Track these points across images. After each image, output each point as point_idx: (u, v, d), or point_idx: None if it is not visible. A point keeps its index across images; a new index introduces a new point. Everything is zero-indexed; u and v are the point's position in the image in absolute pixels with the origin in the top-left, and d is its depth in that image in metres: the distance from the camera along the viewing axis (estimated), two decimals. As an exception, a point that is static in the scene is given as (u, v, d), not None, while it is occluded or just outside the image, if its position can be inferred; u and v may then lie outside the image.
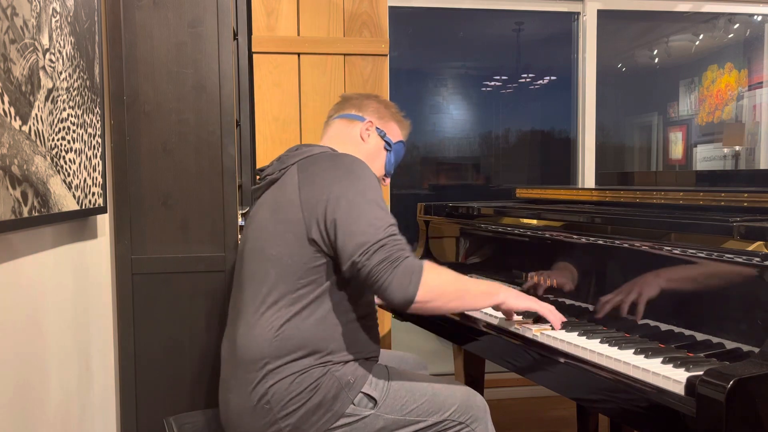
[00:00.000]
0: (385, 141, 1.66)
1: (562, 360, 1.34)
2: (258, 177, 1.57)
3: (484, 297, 1.41)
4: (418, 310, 1.31)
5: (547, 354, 1.38)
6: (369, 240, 1.29)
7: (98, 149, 1.84)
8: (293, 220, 1.38)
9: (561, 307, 1.60)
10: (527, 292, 1.74)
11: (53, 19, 1.48)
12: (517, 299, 1.45)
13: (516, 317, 1.56)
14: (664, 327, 1.32)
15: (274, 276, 1.39)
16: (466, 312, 1.68)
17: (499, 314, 1.58)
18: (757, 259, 1.12)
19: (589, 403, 1.41)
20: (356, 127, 1.63)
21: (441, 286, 1.32)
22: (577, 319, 1.54)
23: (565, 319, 1.47)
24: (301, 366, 1.36)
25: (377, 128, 1.65)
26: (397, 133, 1.71)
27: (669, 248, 1.31)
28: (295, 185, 1.41)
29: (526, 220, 1.83)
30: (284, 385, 1.34)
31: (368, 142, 1.63)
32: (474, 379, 2.20)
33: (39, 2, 1.38)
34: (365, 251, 1.28)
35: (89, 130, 1.75)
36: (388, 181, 1.72)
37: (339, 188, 1.36)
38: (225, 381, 1.45)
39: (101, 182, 1.86)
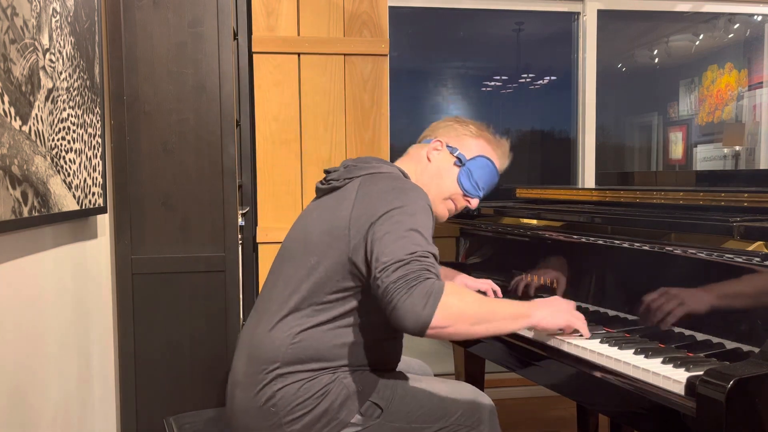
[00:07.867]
0: (456, 157, 1.58)
1: (562, 360, 1.34)
2: (324, 177, 1.52)
3: (515, 320, 1.30)
4: (436, 336, 1.18)
5: (548, 354, 1.38)
6: (393, 258, 1.20)
7: (98, 149, 1.84)
8: (339, 235, 1.35)
9: (561, 307, 1.60)
10: (527, 291, 1.74)
11: (53, 19, 1.48)
12: (552, 318, 1.35)
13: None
14: (664, 327, 1.32)
15: (305, 284, 1.36)
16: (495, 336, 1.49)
17: None
18: (757, 259, 1.12)
19: (589, 403, 1.40)
20: (424, 148, 1.60)
21: (463, 310, 1.20)
22: (577, 319, 1.54)
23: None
24: (312, 373, 1.34)
25: (448, 146, 1.59)
26: (476, 148, 1.60)
27: (669, 248, 1.31)
28: (351, 201, 1.38)
29: (526, 220, 1.83)
30: (292, 389, 1.33)
31: (433, 161, 1.58)
32: (474, 379, 2.19)
33: (39, 2, 1.38)
34: (385, 267, 1.19)
35: (89, 130, 1.75)
36: (474, 202, 1.59)
37: (388, 207, 1.31)
38: (234, 375, 1.43)
39: (101, 182, 1.86)
